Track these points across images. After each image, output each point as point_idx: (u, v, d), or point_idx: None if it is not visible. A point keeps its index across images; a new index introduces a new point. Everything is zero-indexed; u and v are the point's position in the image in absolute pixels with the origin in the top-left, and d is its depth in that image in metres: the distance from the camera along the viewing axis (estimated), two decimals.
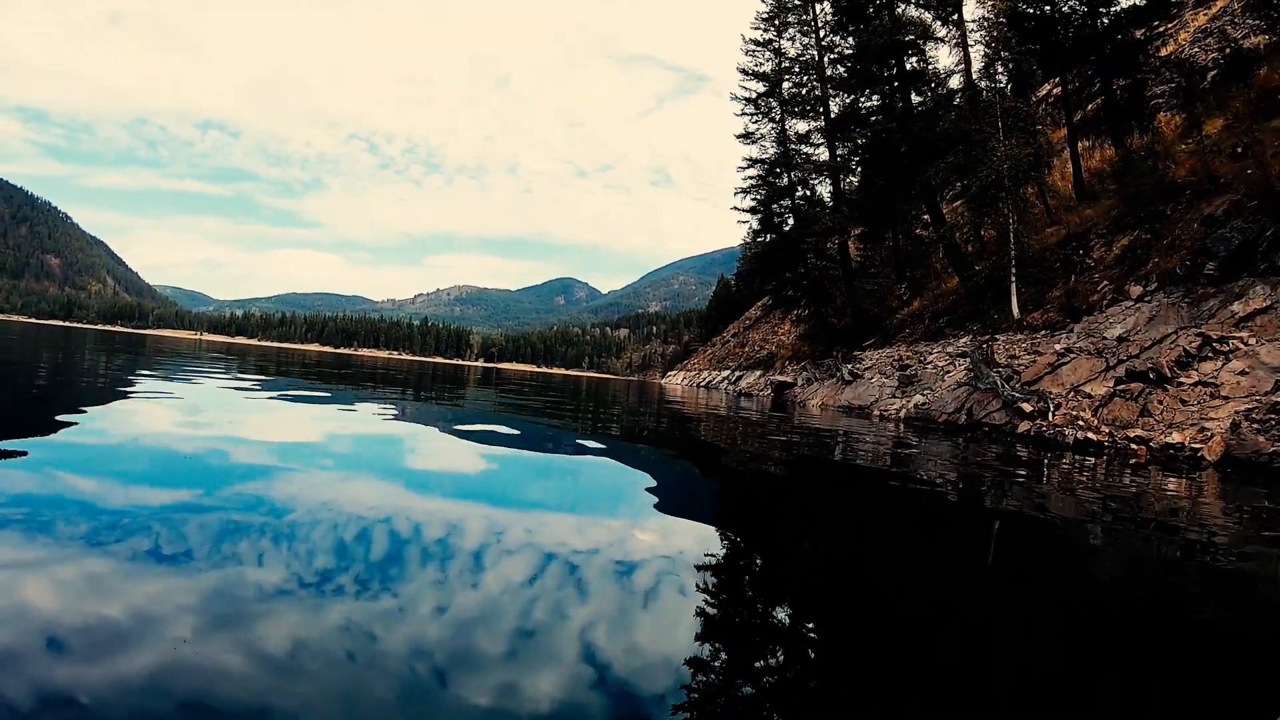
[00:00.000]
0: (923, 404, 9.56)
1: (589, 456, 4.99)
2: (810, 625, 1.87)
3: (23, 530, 1.91)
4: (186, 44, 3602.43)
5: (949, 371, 11.12)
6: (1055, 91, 20.04)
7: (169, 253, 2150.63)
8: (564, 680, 1.36)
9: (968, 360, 12.37)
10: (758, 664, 1.58)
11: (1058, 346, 9.00)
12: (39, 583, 1.58)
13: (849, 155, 23.97)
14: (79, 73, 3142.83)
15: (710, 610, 1.83)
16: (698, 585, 2.02)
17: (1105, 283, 12.99)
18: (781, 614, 1.94)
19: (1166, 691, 1.59)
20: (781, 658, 1.61)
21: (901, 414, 10.44)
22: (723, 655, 1.56)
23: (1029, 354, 9.62)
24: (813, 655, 1.66)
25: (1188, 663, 1.79)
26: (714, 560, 2.37)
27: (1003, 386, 8.05)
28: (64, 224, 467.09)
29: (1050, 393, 7.48)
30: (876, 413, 11.40)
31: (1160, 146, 15.60)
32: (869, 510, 3.87)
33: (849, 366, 14.65)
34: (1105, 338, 8.44)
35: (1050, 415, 6.96)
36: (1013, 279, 14.07)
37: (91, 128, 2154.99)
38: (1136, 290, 9.71)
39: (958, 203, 22.59)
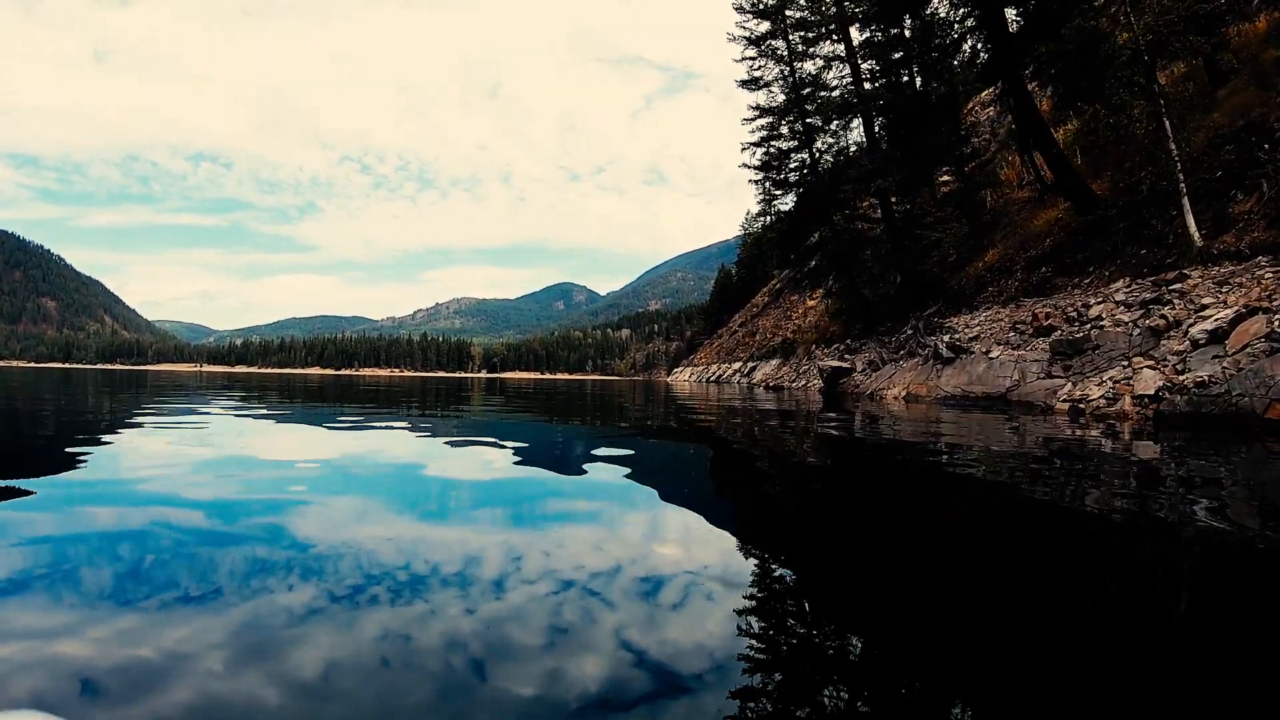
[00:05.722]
0: (1199, 381, 4.99)
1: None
2: None
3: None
4: (173, 77, 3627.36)
5: (1166, 326, 6.59)
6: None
7: (167, 287, 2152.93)
8: None
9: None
10: None
11: None
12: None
13: (886, 79, 19.31)
14: (68, 114, 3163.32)
15: None
16: None
17: None
18: None
19: None
20: None
21: (1120, 406, 5.86)
22: None
23: None
24: None
25: None
26: None
27: None
28: (58, 266, 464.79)
29: None
30: (1061, 405, 6.71)
31: None
32: None
33: (944, 339, 10.09)
34: None
35: None
36: (1184, 192, 9.52)
37: (83, 168, 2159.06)
38: None
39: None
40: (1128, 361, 6.50)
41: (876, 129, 20.57)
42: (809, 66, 22.68)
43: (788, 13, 22.31)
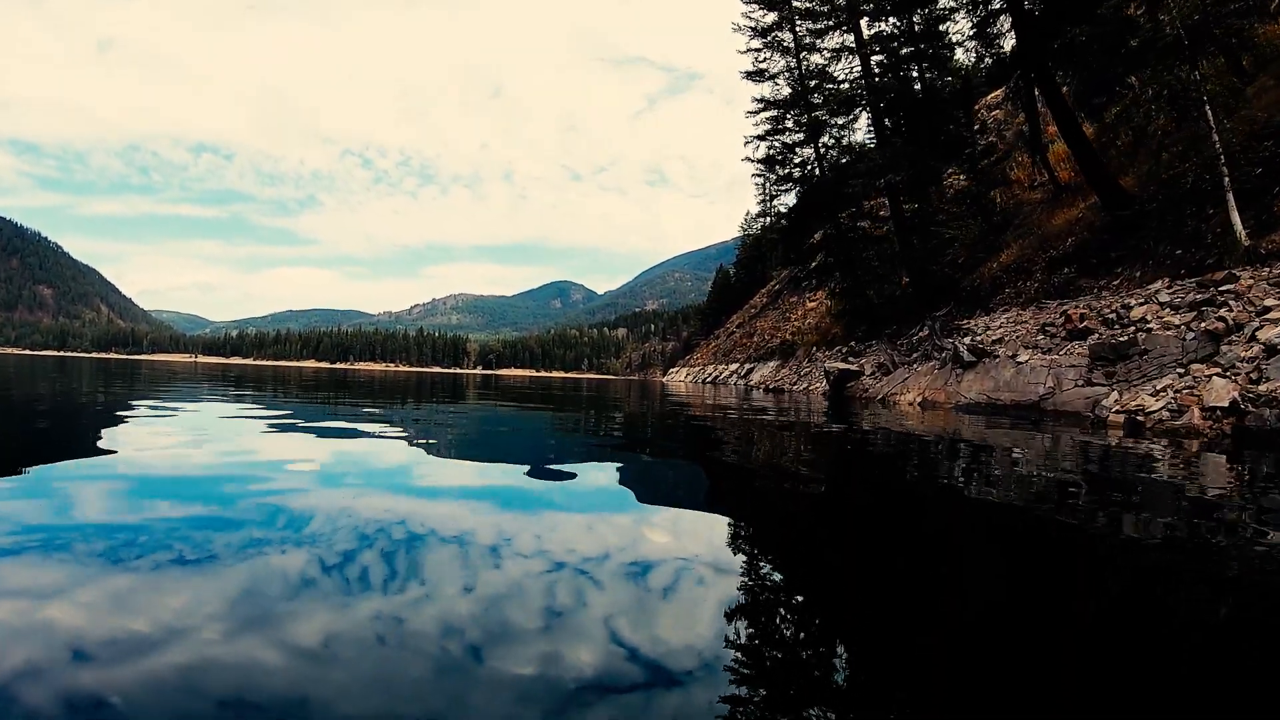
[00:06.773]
0: None
1: None
2: None
3: None
4: (177, 69, 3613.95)
5: (1225, 330, 5.84)
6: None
7: (166, 277, 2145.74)
8: None
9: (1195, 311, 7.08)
10: None
11: None
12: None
13: (896, 72, 18.58)
14: (70, 103, 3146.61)
15: None
16: None
17: None
18: None
19: None
20: None
21: (1188, 419, 5.04)
22: None
23: None
24: None
25: None
26: None
27: None
28: (55, 254, 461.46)
29: None
30: (1115, 417, 5.79)
31: None
32: None
33: (964, 341, 9.33)
34: None
35: None
36: (1229, 187, 8.79)
37: (84, 157, 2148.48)
38: None
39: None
40: (1184, 369, 5.77)
41: (886, 124, 19.84)
42: (816, 59, 21.95)
43: (795, 3, 21.58)
